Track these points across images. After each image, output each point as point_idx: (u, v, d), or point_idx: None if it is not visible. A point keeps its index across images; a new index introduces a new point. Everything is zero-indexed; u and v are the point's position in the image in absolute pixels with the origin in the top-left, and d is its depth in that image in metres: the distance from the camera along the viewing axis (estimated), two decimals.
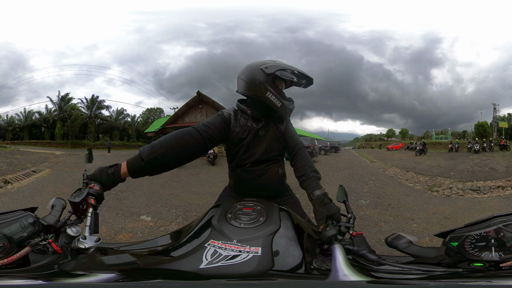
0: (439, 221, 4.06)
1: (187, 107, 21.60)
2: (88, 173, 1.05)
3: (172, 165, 1.11)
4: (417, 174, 8.92)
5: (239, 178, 1.41)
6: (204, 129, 1.19)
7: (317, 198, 1.12)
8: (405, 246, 0.93)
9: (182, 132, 1.14)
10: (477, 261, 0.81)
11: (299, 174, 1.29)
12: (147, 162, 1.05)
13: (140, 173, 1.07)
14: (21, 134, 41.45)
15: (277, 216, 0.97)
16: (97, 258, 0.85)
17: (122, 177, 1.06)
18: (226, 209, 1.00)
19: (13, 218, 0.87)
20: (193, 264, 0.75)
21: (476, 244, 0.81)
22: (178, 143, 1.11)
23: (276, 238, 0.86)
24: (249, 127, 1.32)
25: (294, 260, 0.84)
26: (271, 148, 1.37)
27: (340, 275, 0.72)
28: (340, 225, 0.96)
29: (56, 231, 0.93)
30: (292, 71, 1.32)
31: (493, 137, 31.28)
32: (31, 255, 0.88)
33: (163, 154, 1.07)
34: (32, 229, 0.87)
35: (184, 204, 5.21)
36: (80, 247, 0.83)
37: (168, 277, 0.75)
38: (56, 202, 1.02)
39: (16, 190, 6.20)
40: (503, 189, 5.71)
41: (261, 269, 0.74)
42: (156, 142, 1.10)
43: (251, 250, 0.79)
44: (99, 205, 1.00)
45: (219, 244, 0.81)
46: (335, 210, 1.05)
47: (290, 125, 1.45)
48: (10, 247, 0.83)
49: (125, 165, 1.06)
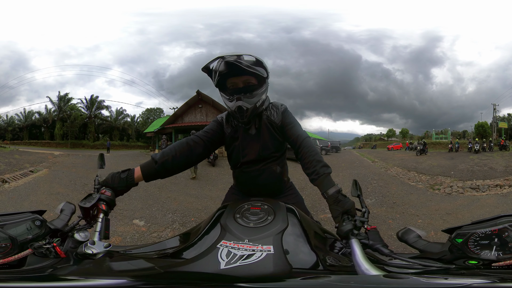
0: (442, 216, 4.38)
1: (187, 107, 21.19)
2: (100, 178, 1.07)
3: (181, 167, 1.24)
4: (419, 173, 9.06)
5: (239, 179, 1.45)
6: (204, 134, 1.32)
7: (332, 196, 1.08)
8: (414, 241, 0.95)
9: (186, 139, 1.29)
10: (473, 259, 0.82)
11: (309, 172, 1.19)
12: (160, 164, 1.16)
13: (154, 176, 1.17)
14: (21, 134, 41.49)
15: (285, 214, 0.99)
16: (104, 263, 0.82)
17: (135, 181, 1.12)
18: (234, 210, 1.02)
19: (20, 220, 0.86)
20: (212, 266, 0.74)
21: (480, 242, 0.82)
22: (185, 148, 1.24)
23: (286, 236, 0.88)
24: (239, 128, 1.34)
25: (307, 257, 0.86)
26: (265, 146, 1.33)
27: (363, 270, 0.74)
28: (355, 220, 0.96)
29: (62, 235, 0.92)
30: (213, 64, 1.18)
31: (493, 138, 31.31)
32: (30, 258, 0.86)
33: (174, 157, 1.19)
34: (37, 232, 0.87)
35: (182, 208, 4.97)
36: (87, 252, 0.82)
37: (189, 280, 0.74)
38: (65, 207, 1.01)
39: (12, 189, 6.30)
40: (501, 188, 5.95)
41: (282, 268, 0.75)
42: (167, 149, 1.23)
43: (264, 248, 0.80)
44: (110, 211, 1.01)
45: (231, 244, 0.82)
46: (349, 206, 1.03)
47: (288, 116, 1.33)
48: (11, 248, 0.82)
49: (139, 169, 1.14)
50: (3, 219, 0.85)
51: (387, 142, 54.95)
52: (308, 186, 6.83)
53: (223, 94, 1.26)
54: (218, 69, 1.14)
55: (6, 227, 0.84)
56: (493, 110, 36.26)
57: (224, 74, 1.17)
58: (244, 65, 1.12)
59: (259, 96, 1.25)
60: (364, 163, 13.38)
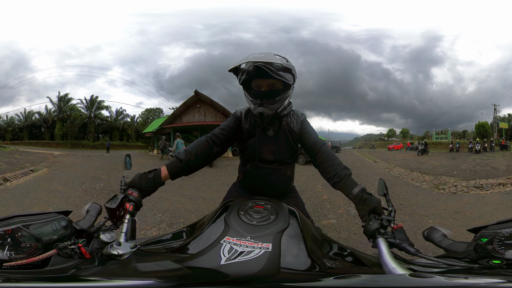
0: (451, 215, 4.36)
1: (185, 107, 20.82)
2: (127, 179, 1.08)
3: (203, 164, 1.29)
4: (422, 173, 9.07)
5: (248, 174, 1.43)
6: (220, 132, 1.34)
7: (357, 195, 1.08)
8: (439, 240, 0.96)
9: (205, 137, 1.32)
10: (497, 258, 0.82)
11: (330, 176, 1.19)
12: (185, 162, 1.22)
13: (180, 174, 1.23)
14: (21, 134, 41.44)
15: (286, 215, 1.00)
16: (131, 264, 0.82)
17: (162, 180, 1.16)
18: (238, 207, 1.03)
19: (46, 220, 0.86)
20: (213, 261, 0.77)
21: (505, 242, 0.82)
22: (205, 146, 1.29)
23: (285, 235, 0.90)
24: (257, 126, 1.35)
25: (301, 258, 0.87)
26: (280, 150, 1.36)
27: (390, 269, 0.76)
28: (382, 219, 0.96)
29: (88, 236, 0.92)
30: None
31: (493, 138, 31.34)
32: (54, 258, 0.86)
33: (196, 155, 1.24)
34: (63, 232, 0.87)
35: (173, 209, 4.85)
36: (112, 253, 0.81)
37: (193, 275, 0.76)
38: (91, 207, 1.01)
39: (14, 187, 6.55)
40: (504, 186, 6.08)
41: (272, 266, 0.76)
42: (189, 148, 1.28)
43: (263, 246, 0.82)
44: (137, 212, 1.02)
45: (234, 241, 0.84)
46: (375, 204, 1.03)
47: (306, 125, 1.37)
48: (36, 248, 0.82)
49: (165, 168, 1.18)
50: (28, 219, 0.84)
51: (387, 142, 55.00)
52: (308, 189, 7.02)
53: (246, 93, 1.28)
54: (246, 68, 1.15)
55: (32, 227, 0.83)
56: (494, 110, 36.29)
57: (251, 75, 1.17)
58: (271, 70, 1.10)
59: (281, 102, 1.26)
60: (365, 164, 13.35)
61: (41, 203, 5.24)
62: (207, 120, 19.93)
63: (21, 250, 0.81)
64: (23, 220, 0.84)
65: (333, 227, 3.86)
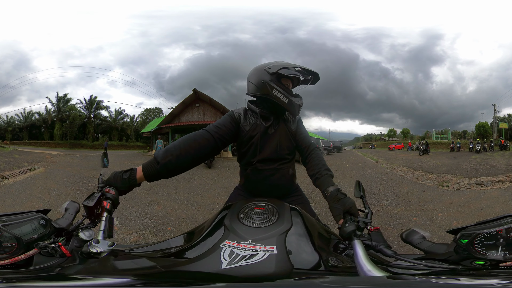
0: (457, 208, 4.80)
1: (184, 106, 20.34)
2: (104, 177, 1.05)
3: (186, 167, 1.15)
4: (425, 172, 9.31)
5: (250, 177, 1.41)
6: (215, 130, 1.23)
7: (331, 194, 1.13)
8: (418, 242, 0.96)
9: (194, 135, 1.19)
10: (480, 259, 0.82)
11: (312, 173, 1.30)
12: (163, 165, 1.08)
13: (156, 177, 1.10)
14: (21, 134, 41.40)
15: (289, 215, 0.98)
16: (109, 262, 0.82)
17: (137, 181, 1.08)
18: (238, 209, 1.01)
19: (25, 219, 0.85)
20: (213, 265, 0.74)
21: (485, 242, 0.82)
22: (192, 145, 1.14)
23: (289, 236, 0.87)
24: (258, 125, 1.34)
25: (309, 257, 0.85)
26: (281, 146, 1.37)
27: (365, 271, 0.72)
28: (358, 221, 0.97)
29: (67, 235, 0.92)
30: (295, 69, 1.33)
31: (493, 138, 31.36)
32: (36, 257, 0.86)
33: (178, 157, 1.10)
34: (42, 231, 0.86)
35: (162, 214, 4.45)
36: (91, 251, 0.82)
37: (190, 279, 0.73)
38: (69, 206, 1.01)
39: (11, 184, 6.86)
40: (503, 183, 6.68)
41: (284, 268, 0.73)
42: (171, 146, 1.13)
43: (267, 249, 0.79)
44: (114, 209, 1.01)
45: (235, 244, 0.81)
46: (350, 204, 1.06)
47: (301, 126, 1.47)
48: (17, 248, 0.82)
49: (141, 169, 1.08)
50: (7, 219, 0.84)
51: (388, 142, 55.02)
52: (316, 190, 6.66)
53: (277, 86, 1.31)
54: (291, 74, 1.30)
55: (11, 227, 0.83)
56: (494, 111, 36.28)
57: (290, 78, 1.34)
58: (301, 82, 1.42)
59: None
60: (368, 163, 13.27)
61: (34, 199, 5.35)
62: (206, 119, 19.62)
63: (2, 250, 0.81)
64: (3, 220, 0.82)
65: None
